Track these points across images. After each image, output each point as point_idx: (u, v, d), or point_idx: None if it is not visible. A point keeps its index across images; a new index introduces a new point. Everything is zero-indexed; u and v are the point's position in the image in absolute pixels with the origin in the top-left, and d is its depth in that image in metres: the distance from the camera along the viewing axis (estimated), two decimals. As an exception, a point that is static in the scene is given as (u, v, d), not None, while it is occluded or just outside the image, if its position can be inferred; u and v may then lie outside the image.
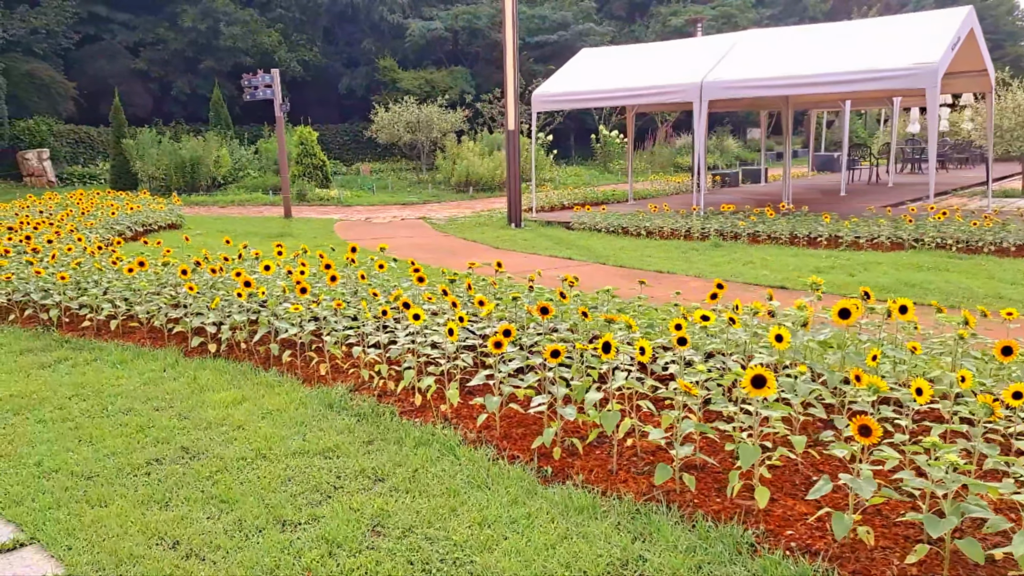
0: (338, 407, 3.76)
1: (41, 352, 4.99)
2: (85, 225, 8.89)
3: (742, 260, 8.77)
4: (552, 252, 9.83)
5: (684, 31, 30.75)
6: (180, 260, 6.11)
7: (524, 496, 2.78)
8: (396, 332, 4.07)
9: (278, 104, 13.67)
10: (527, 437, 3.27)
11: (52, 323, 5.48)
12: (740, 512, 2.54)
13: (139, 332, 5.30)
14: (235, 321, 4.71)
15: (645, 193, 17.66)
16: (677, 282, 7.60)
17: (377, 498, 2.85)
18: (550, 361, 2.94)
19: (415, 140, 22.21)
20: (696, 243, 10.19)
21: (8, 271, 5.82)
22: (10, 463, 3.28)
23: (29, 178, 22.17)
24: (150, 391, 4.13)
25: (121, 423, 3.70)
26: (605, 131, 25.93)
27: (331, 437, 3.41)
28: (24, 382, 4.37)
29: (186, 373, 4.38)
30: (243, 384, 4.17)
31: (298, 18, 30.23)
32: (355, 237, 11.84)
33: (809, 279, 7.67)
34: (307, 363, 4.45)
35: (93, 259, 6.08)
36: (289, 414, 3.72)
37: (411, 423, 3.48)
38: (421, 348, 3.76)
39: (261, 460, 3.24)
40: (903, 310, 3.26)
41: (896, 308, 3.26)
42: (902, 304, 3.26)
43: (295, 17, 30.16)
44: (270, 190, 18.69)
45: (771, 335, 2.88)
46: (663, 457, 3.00)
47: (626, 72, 13.50)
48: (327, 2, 29.78)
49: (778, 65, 11.55)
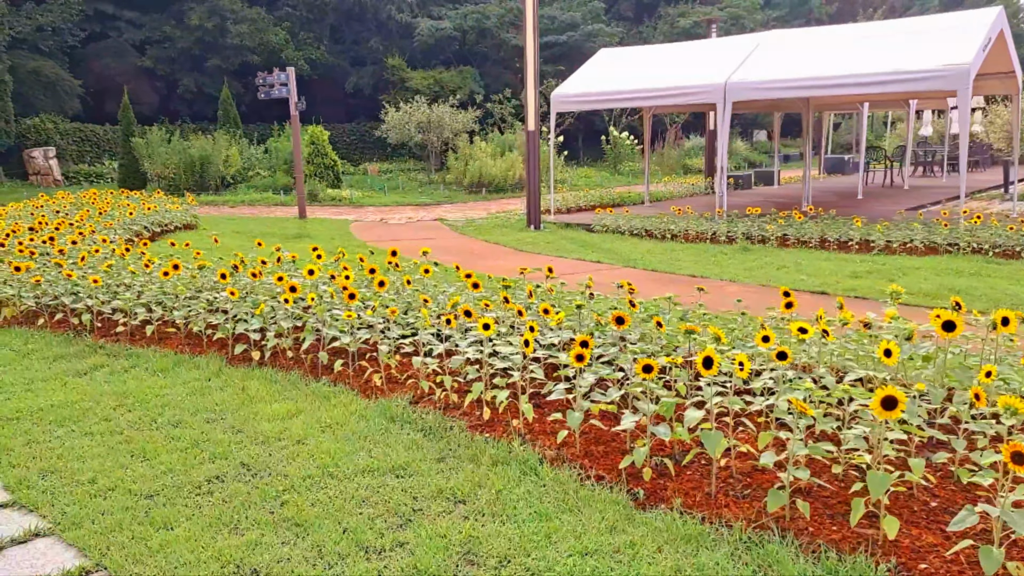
0: (401, 420, 3.58)
1: (75, 359, 4.81)
2: (104, 226, 8.70)
3: (775, 264, 8.60)
4: (579, 255, 9.65)
5: (692, 32, 30.60)
6: (209, 262, 5.93)
7: (622, 522, 2.61)
8: (455, 341, 3.90)
9: (293, 103, 13.50)
10: (609, 456, 3.10)
11: (85, 328, 5.30)
12: (865, 543, 2.37)
13: (176, 338, 5.12)
14: (280, 328, 4.54)
15: (660, 195, 17.50)
16: (713, 287, 7.42)
17: (462, 522, 2.67)
18: (642, 376, 2.77)
19: (426, 140, 22.03)
20: (723, 247, 10.02)
21: (36, 273, 5.63)
22: (63, 480, 3.10)
23: (35, 176, 21.97)
24: (198, 402, 3.96)
25: (173, 436, 3.52)
26: (615, 132, 25.76)
27: (399, 453, 3.24)
28: (62, 391, 4.20)
29: (233, 382, 4.21)
30: (295, 395, 3.99)
31: (305, 16, 30.05)
32: (374, 239, 11.66)
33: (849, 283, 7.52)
34: (359, 373, 4.27)
35: (124, 261, 5.89)
36: (349, 428, 3.54)
37: (483, 439, 3.31)
38: (487, 359, 3.58)
39: (329, 478, 3.06)
40: (1005, 322, 3.09)
41: (998, 319, 3.09)
42: (1003, 316, 3.09)
43: (302, 15, 29.98)
44: (281, 190, 18.51)
45: (880, 349, 2.71)
46: (761, 479, 2.83)
47: (647, 73, 13.33)
48: (334, 0, 29.59)
49: (803, 66, 11.39)
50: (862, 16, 40.09)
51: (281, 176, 19.24)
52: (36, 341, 5.18)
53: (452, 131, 21.79)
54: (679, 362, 2.92)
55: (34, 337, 5.27)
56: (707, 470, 2.94)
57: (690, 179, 22.28)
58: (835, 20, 39.80)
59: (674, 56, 14.10)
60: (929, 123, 22.92)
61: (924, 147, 22.83)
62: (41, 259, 6.32)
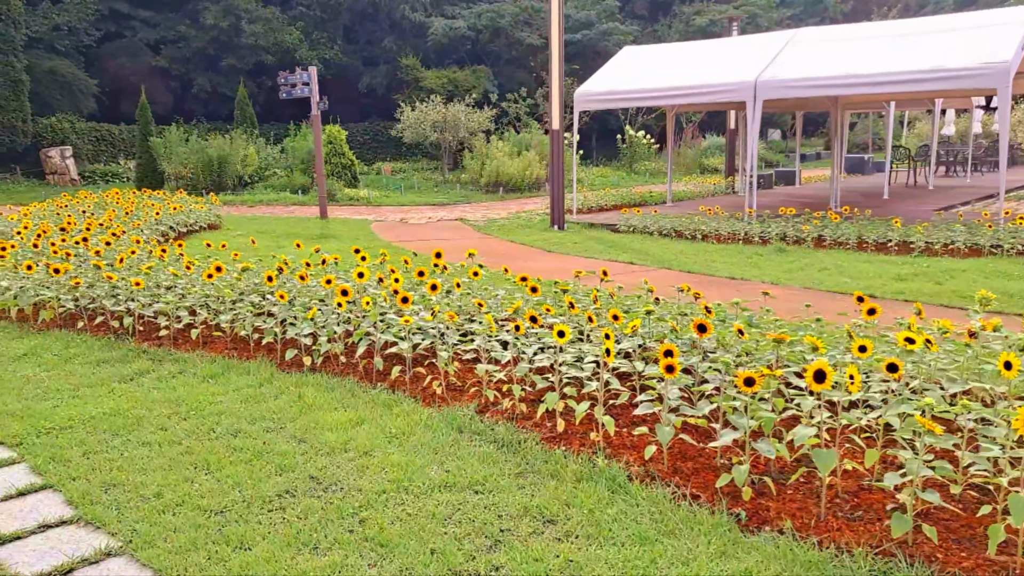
0: (469, 431, 3.43)
1: (119, 363, 4.69)
2: (132, 226, 8.59)
3: (815, 266, 8.42)
4: (610, 256, 9.50)
5: (708, 31, 30.38)
6: (251, 264, 5.80)
7: (730, 546, 2.45)
8: (520, 348, 3.75)
9: (315, 102, 13.37)
10: (700, 473, 2.95)
11: (126, 332, 5.17)
12: (1004, 572, 2.21)
13: (220, 342, 4.99)
14: (331, 332, 4.40)
15: (680, 195, 17.30)
16: (755, 290, 7.25)
17: (557, 545, 2.53)
18: (744, 390, 2.61)
19: (441, 140, 21.90)
20: (758, 248, 9.85)
21: (75, 276, 5.51)
22: (127, 495, 2.97)
23: (52, 176, 21.95)
24: (254, 410, 3.82)
25: (234, 447, 3.38)
26: (631, 131, 25.57)
27: (474, 468, 3.09)
28: (111, 398, 4.07)
29: (288, 389, 4.07)
30: (355, 403, 3.85)
31: (319, 16, 29.97)
32: (398, 239, 11.53)
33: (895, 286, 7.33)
34: (416, 380, 4.13)
35: (162, 263, 5.77)
36: (416, 439, 3.40)
37: (561, 453, 3.16)
38: (558, 367, 3.43)
39: (404, 494, 2.92)
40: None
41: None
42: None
43: (316, 15, 29.90)
44: (298, 190, 18.41)
45: (999, 361, 2.55)
46: (870, 499, 2.67)
47: (672, 71, 13.16)
48: (348, 0, 29.49)
49: (836, 64, 11.20)
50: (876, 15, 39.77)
51: (298, 176, 19.14)
52: (77, 345, 5.06)
53: (468, 130, 21.66)
54: (779, 374, 2.77)
55: (75, 341, 5.15)
56: (809, 489, 2.78)
57: (708, 179, 22.09)
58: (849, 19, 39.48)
59: (699, 54, 13.92)
60: (952, 122, 22.64)
61: (946, 147, 22.56)
62: (76, 260, 6.20)
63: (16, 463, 3.32)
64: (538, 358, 3.55)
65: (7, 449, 3.46)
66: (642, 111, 27.60)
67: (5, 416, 3.83)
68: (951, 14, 12.75)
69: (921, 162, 19.45)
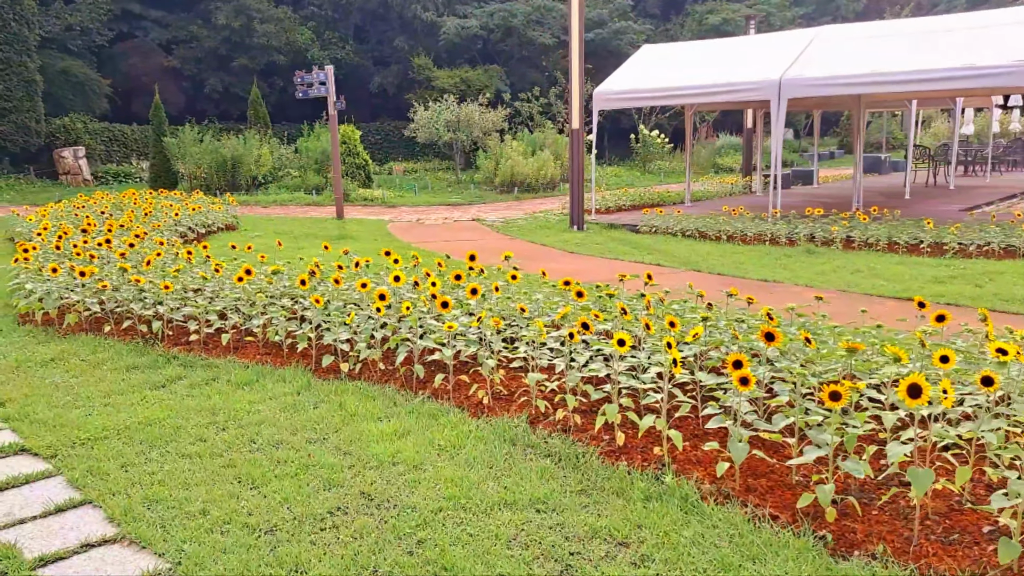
0: (522, 444, 3.28)
1: (149, 369, 4.56)
2: (152, 227, 8.48)
3: (847, 268, 8.24)
4: (635, 257, 9.33)
5: (722, 30, 30.17)
6: (280, 267, 5.67)
7: (823, 573, 2.29)
8: (570, 355, 3.60)
9: (332, 102, 13.25)
10: (775, 491, 2.79)
11: (156, 336, 5.04)
12: None
13: (252, 347, 4.86)
14: (367, 338, 4.25)
15: (698, 195, 17.10)
16: (789, 293, 7.08)
17: (633, 570, 2.37)
18: (830, 405, 2.46)
19: (455, 140, 21.76)
20: (785, 249, 9.66)
21: (102, 279, 5.39)
22: (171, 511, 2.83)
23: (65, 176, 21.92)
24: (294, 419, 3.68)
25: (277, 460, 3.24)
26: (645, 131, 25.38)
27: (533, 484, 2.94)
28: (144, 406, 3.94)
29: (327, 398, 3.93)
30: (398, 413, 3.70)
31: (330, 16, 29.90)
32: (416, 239, 11.39)
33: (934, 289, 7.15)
34: (459, 388, 3.98)
35: (190, 265, 5.64)
36: (467, 452, 3.25)
37: (624, 469, 3.00)
38: (617, 376, 3.27)
39: (462, 512, 2.77)
40: None
41: None
42: None
43: (327, 15, 29.83)
44: (312, 190, 18.30)
45: (1106, 377, 2.38)
46: (962, 521, 2.51)
47: (694, 69, 12.98)
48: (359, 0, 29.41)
49: (862, 62, 11.00)
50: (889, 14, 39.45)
51: (312, 176, 19.03)
52: (105, 350, 4.93)
53: (482, 130, 21.51)
54: (862, 387, 2.61)
55: (102, 345, 5.02)
56: (895, 509, 2.62)
57: (723, 178, 21.87)
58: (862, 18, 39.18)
59: (720, 52, 13.73)
60: (970, 121, 22.37)
61: (964, 146, 22.29)
62: (100, 262, 6.08)
63: (51, 476, 3.19)
64: (592, 367, 3.39)
65: (41, 461, 3.33)
66: (655, 110, 27.41)
67: (37, 425, 3.71)
68: (977, 11, 12.52)
69: (941, 161, 19.20)
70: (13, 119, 20.72)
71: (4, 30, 20.40)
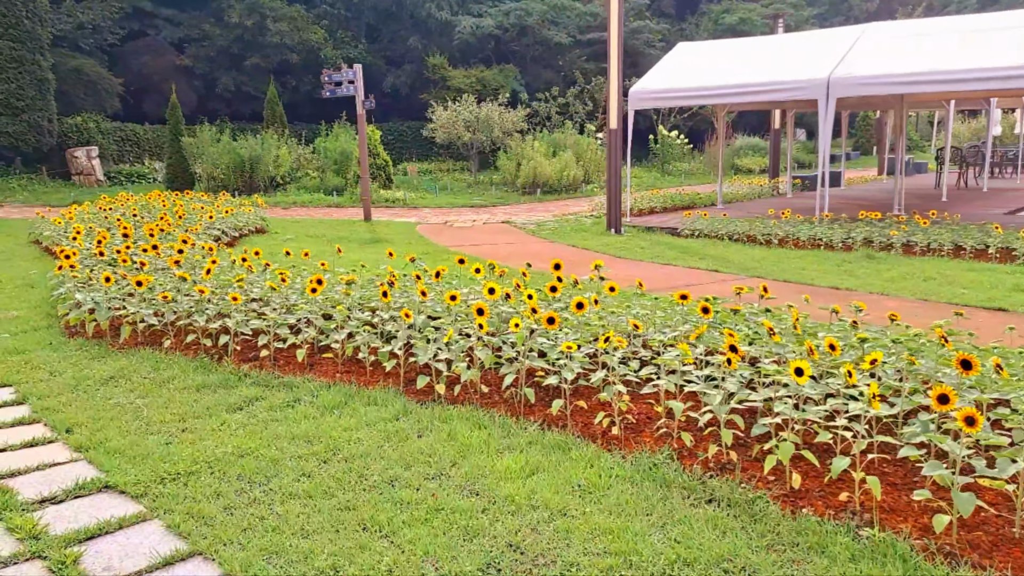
0: (677, 487, 2.91)
1: (221, 389, 4.19)
2: (191, 230, 8.11)
3: (916, 275, 7.87)
4: (689, 263, 8.96)
5: (739, 29, 29.80)
6: (354, 276, 5.30)
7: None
8: (714, 381, 3.22)
9: (360, 100, 12.89)
10: (1000, 547, 2.41)
11: (224, 352, 4.67)
12: None
13: (328, 364, 4.48)
14: (460, 356, 3.89)
15: (728, 196, 16.73)
16: (868, 303, 6.70)
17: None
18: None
19: (475, 140, 21.40)
20: (842, 254, 9.30)
21: (162, 289, 5.02)
22: (296, 565, 2.46)
23: (78, 176, 21.54)
24: (402, 452, 3.31)
25: (399, 501, 2.87)
26: (664, 131, 25.02)
27: (708, 538, 2.56)
28: (227, 433, 3.57)
29: (431, 425, 3.56)
30: (517, 444, 3.33)
31: (343, 14, 29.52)
32: (451, 243, 11.03)
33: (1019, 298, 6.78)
34: (577, 415, 3.61)
35: (251, 274, 5.27)
36: (615, 495, 2.87)
37: (815, 521, 2.61)
38: (791, 413, 2.90)
39: (635, 571, 2.40)
40: None
41: None
42: None
43: (339, 13, 29.46)
44: (333, 191, 17.94)
45: None
46: None
47: (734, 68, 12.62)
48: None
49: (909, 60, 10.64)
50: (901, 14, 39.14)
51: (331, 176, 18.66)
52: (168, 366, 4.56)
53: (502, 130, 21.15)
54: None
55: (163, 361, 4.65)
56: None
57: (745, 179, 21.51)
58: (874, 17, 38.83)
59: (757, 50, 13.38)
60: (997, 122, 22.01)
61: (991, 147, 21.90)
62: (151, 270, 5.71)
63: (146, 520, 2.82)
64: (753, 396, 3.02)
65: (131, 500, 2.96)
66: (674, 111, 27.05)
67: (115, 455, 3.34)
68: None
69: (972, 163, 18.84)
70: (26, 118, 20.34)
71: (17, 27, 20.01)
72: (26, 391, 4.22)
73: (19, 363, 4.72)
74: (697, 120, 29.36)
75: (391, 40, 30.41)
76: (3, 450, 3.46)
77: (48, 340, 5.18)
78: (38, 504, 2.95)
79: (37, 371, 4.58)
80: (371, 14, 30.04)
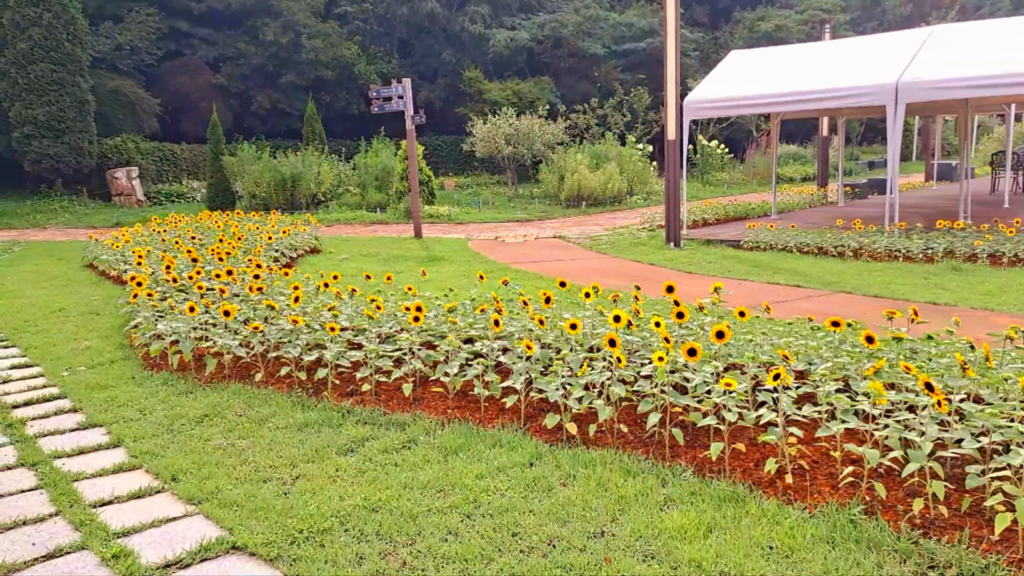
0: (888, 550, 2.53)
1: (326, 427, 3.89)
2: (255, 251, 7.89)
3: (1013, 288, 7.41)
4: (764, 279, 8.55)
5: (775, 37, 29.34)
6: (454, 303, 5.00)
7: None
8: (910, 422, 2.85)
9: (409, 115, 12.69)
10: None
11: (323, 387, 4.37)
12: None
13: (435, 399, 4.17)
14: (592, 393, 3.55)
15: (781, 206, 16.27)
16: (974, 319, 6.25)
17: None
18: None
19: (516, 153, 21.16)
20: (925, 266, 8.84)
21: (249, 318, 4.76)
22: (481, 655, 2.13)
23: (118, 197, 21.64)
24: (550, 505, 2.97)
25: (568, 567, 2.53)
26: (704, 141, 24.61)
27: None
28: (346, 481, 3.26)
29: (575, 472, 3.22)
30: (679, 495, 2.98)
31: (375, 30, 29.59)
32: (509, 259, 10.73)
33: None
34: (734, 458, 3.25)
35: (341, 301, 4.99)
36: (819, 562, 2.50)
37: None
38: (986, 453, 2.52)
39: (879, 659, 2.04)
40: None
41: None
42: None
43: (372, 29, 29.52)
44: (375, 207, 17.77)
45: None
46: None
47: (792, 75, 12.22)
48: (406, 13, 29.05)
49: (981, 63, 10.18)
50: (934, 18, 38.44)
51: (372, 193, 18.51)
52: (263, 403, 4.28)
53: (543, 143, 20.90)
54: None
55: (256, 397, 4.37)
56: None
57: (791, 188, 21.02)
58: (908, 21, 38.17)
59: (812, 56, 12.98)
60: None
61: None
62: (231, 297, 5.46)
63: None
64: (968, 444, 2.65)
65: (266, 565, 2.65)
66: (713, 120, 26.62)
67: (233, 509, 3.04)
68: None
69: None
70: (66, 140, 20.49)
71: (57, 50, 20.19)
72: (119, 432, 3.96)
73: (105, 400, 4.47)
74: (734, 129, 28.90)
75: (424, 54, 30.41)
76: (110, 502, 3.18)
77: (130, 374, 4.93)
78: (163, 570, 2.65)
79: (125, 409, 4.32)
80: (404, 29, 30.07)
